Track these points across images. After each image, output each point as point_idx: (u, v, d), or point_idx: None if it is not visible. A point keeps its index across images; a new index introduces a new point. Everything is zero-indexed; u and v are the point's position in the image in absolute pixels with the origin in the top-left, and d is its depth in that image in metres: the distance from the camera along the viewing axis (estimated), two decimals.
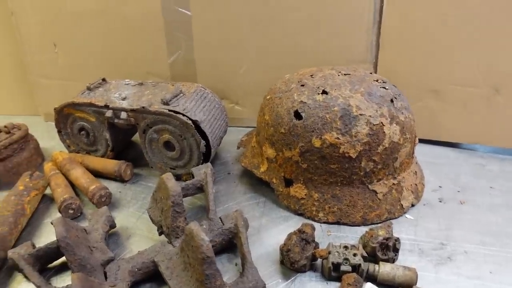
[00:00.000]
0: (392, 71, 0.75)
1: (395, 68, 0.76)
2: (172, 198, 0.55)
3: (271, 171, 0.65)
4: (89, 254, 0.54)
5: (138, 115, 0.68)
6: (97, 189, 0.67)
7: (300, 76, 0.65)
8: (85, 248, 0.54)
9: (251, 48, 0.79)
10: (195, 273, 0.49)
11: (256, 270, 0.51)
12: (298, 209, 0.63)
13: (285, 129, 0.61)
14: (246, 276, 0.51)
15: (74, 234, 0.54)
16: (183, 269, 0.52)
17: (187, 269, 0.51)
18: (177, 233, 0.56)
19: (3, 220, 0.61)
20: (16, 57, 0.91)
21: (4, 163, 0.74)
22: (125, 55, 0.84)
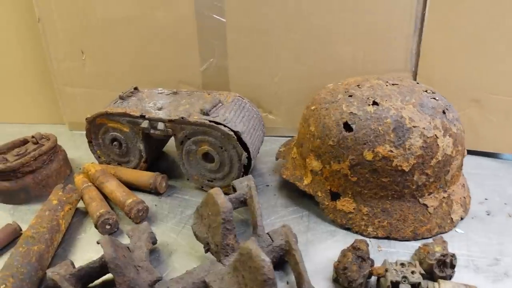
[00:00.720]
0: (432, 80, 0.73)
1: (435, 77, 0.74)
2: (223, 215, 0.53)
3: (315, 184, 0.63)
4: (137, 274, 0.51)
5: (176, 126, 0.66)
6: (134, 203, 0.64)
7: (346, 86, 0.63)
8: (133, 268, 0.52)
9: (287, 56, 0.77)
10: None
11: None
12: (346, 224, 0.61)
13: (333, 141, 0.59)
14: None
15: (121, 254, 0.52)
16: None
17: None
18: (227, 251, 0.54)
19: (40, 237, 0.59)
20: (42, 65, 0.88)
21: (34, 175, 0.72)
22: (155, 62, 0.82)
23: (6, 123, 0.98)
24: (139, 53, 0.82)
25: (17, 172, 0.70)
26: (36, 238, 0.58)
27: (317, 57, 0.76)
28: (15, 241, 0.64)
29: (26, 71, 0.91)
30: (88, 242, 0.63)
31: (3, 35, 0.88)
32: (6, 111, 0.97)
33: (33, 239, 0.58)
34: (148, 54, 0.82)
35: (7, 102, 0.96)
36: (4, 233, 0.63)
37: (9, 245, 0.63)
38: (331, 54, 0.76)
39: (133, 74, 0.84)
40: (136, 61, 0.83)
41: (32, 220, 0.62)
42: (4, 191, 0.71)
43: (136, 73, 0.84)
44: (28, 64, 0.90)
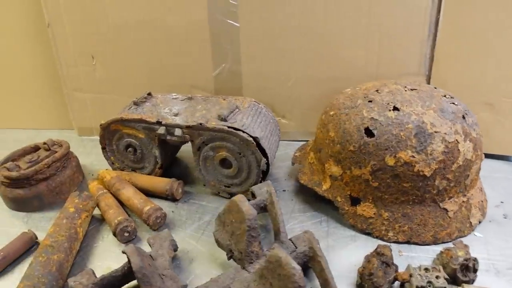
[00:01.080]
0: (445, 84, 0.74)
1: (448, 81, 0.74)
2: (248, 222, 0.52)
3: (334, 189, 0.63)
4: (162, 283, 0.51)
5: (194, 132, 0.65)
6: (152, 210, 0.64)
7: (365, 91, 0.63)
8: (158, 277, 0.51)
9: (300, 60, 0.77)
10: None
11: None
12: (366, 228, 0.61)
13: (354, 147, 0.59)
14: None
15: (147, 262, 0.51)
16: None
17: None
18: (251, 258, 0.53)
19: (59, 246, 0.58)
20: (51, 70, 0.87)
21: (47, 182, 0.71)
22: (167, 67, 0.82)
23: (13, 128, 0.97)
24: (150, 58, 0.81)
25: (30, 180, 0.69)
26: (55, 247, 0.57)
27: (331, 62, 0.76)
28: (31, 249, 0.63)
29: (35, 76, 0.90)
30: (106, 250, 0.62)
31: (12, 40, 0.87)
32: (14, 117, 0.95)
33: (52, 248, 0.57)
34: (160, 59, 0.81)
35: (14, 107, 0.94)
36: (20, 241, 0.63)
37: (25, 254, 0.62)
38: (345, 59, 0.76)
39: (144, 79, 0.83)
40: (147, 66, 0.82)
41: (50, 228, 0.61)
42: (18, 199, 0.70)
43: (147, 78, 0.83)
44: (37, 69, 0.89)
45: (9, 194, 0.70)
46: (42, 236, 0.64)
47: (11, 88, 0.92)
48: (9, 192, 0.70)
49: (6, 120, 0.96)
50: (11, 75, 0.91)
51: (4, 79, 0.92)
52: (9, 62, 0.89)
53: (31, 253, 0.63)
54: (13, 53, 0.88)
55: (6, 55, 0.89)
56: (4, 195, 0.70)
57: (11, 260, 0.61)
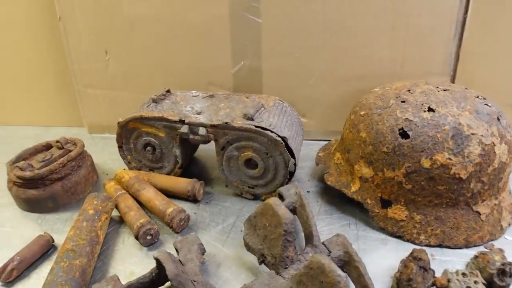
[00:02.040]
0: (470, 84, 0.73)
1: (474, 81, 0.73)
2: (285, 227, 0.50)
3: (364, 191, 0.62)
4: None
5: (219, 131, 0.63)
6: (175, 212, 0.62)
7: (396, 91, 0.62)
8: (191, 284, 0.49)
9: (323, 58, 0.75)
10: None
11: None
12: (397, 232, 0.60)
13: (388, 148, 0.57)
14: None
15: (180, 269, 0.49)
16: None
17: None
18: (286, 264, 0.52)
19: (80, 250, 0.55)
20: (61, 65, 0.84)
21: (62, 182, 0.68)
22: (184, 63, 0.79)
23: (20, 125, 0.93)
24: (167, 54, 0.79)
25: (45, 180, 0.66)
26: (77, 252, 0.55)
27: (354, 60, 0.75)
28: (48, 253, 0.61)
29: (44, 72, 0.86)
30: (127, 254, 0.60)
31: (21, 34, 0.83)
32: (21, 113, 0.92)
33: (73, 252, 0.55)
34: (176, 55, 0.78)
35: (22, 103, 0.91)
36: (37, 245, 0.60)
37: (41, 258, 0.60)
38: (369, 57, 0.74)
39: (159, 75, 0.81)
40: (163, 63, 0.79)
41: (69, 231, 0.58)
42: (31, 200, 0.67)
43: (162, 74, 0.80)
44: (46, 64, 0.85)
45: (22, 194, 0.67)
46: (59, 239, 0.62)
47: (18, 83, 0.88)
48: (22, 192, 0.67)
49: (12, 116, 0.92)
50: (19, 70, 0.87)
51: (11, 74, 0.88)
52: (17, 56, 0.86)
53: (47, 256, 0.60)
54: (21, 47, 0.85)
55: (14, 49, 0.85)
56: (17, 195, 0.67)
57: (28, 265, 0.58)
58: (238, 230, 0.63)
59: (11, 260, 0.57)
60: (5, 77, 0.88)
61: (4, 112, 0.91)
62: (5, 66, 0.87)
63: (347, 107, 0.78)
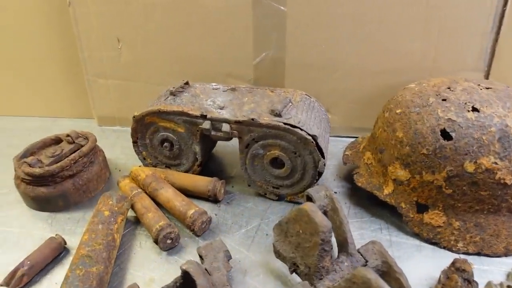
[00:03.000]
0: (506, 80, 0.68)
1: (508, 78, 0.69)
2: (322, 235, 0.47)
3: (398, 194, 0.58)
4: None
5: (244, 128, 0.59)
6: (197, 214, 0.58)
7: (434, 88, 0.58)
8: None
9: (350, 50, 0.71)
10: None
11: None
12: (432, 238, 0.57)
13: (428, 150, 0.54)
14: None
15: (210, 283, 0.45)
16: None
17: None
18: (321, 274, 0.48)
19: (97, 256, 0.51)
20: (70, 53, 0.79)
21: (74, 179, 0.64)
22: (201, 53, 0.74)
23: (24, 116, 0.88)
24: (183, 43, 0.74)
25: (56, 177, 0.62)
26: (93, 258, 0.51)
27: (384, 53, 0.70)
28: (59, 256, 0.57)
29: (51, 60, 0.81)
30: (146, 259, 0.56)
31: (29, 20, 0.78)
32: (25, 103, 0.87)
33: (90, 259, 0.51)
34: (193, 44, 0.74)
35: (27, 93, 0.86)
36: (49, 248, 0.56)
37: (53, 261, 0.56)
38: (399, 50, 0.70)
39: (175, 66, 0.76)
40: (179, 52, 0.75)
41: (84, 235, 0.54)
42: (41, 198, 0.62)
43: (178, 65, 0.76)
44: (54, 52, 0.80)
45: (30, 192, 0.62)
46: (71, 241, 0.58)
47: (24, 72, 0.83)
48: (30, 190, 0.62)
49: (17, 106, 0.87)
50: (24, 57, 0.82)
51: (17, 62, 0.83)
52: (23, 43, 0.80)
53: (59, 260, 0.56)
54: (28, 34, 0.79)
55: (20, 35, 0.80)
56: (25, 193, 0.63)
57: (39, 269, 0.54)
58: (263, 233, 0.59)
59: (20, 265, 0.53)
60: (10, 65, 0.83)
61: (8, 102, 0.86)
62: (10, 53, 0.81)
63: (374, 103, 0.74)
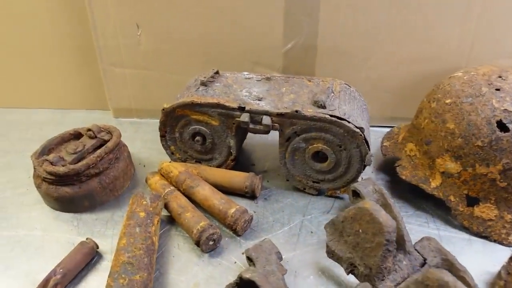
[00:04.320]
0: None
1: None
2: (388, 236, 0.44)
3: (447, 187, 0.56)
4: None
5: (286, 121, 0.56)
6: (239, 213, 0.54)
7: (485, 77, 0.55)
8: None
9: (385, 36, 0.67)
10: None
11: None
12: (483, 232, 0.55)
13: (483, 142, 0.51)
14: None
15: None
16: None
17: None
18: (383, 275, 0.46)
19: (138, 262, 0.48)
20: (84, 40, 0.73)
21: (100, 178, 0.59)
22: (227, 41, 0.70)
23: (34, 108, 0.82)
24: (207, 29, 0.69)
25: (81, 176, 0.57)
26: (135, 265, 0.47)
27: (420, 40, 0.67)
28: (92, 261, 0.53)
29: (63, 48, 0.75)
30: (187, 262, 0.53)
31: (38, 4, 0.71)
32: (35, 95, 0.81)
33: (131, 266, 0.47)
34: (218, 31, 0.69)
35: (36, 83, 0.79)
36: (81, 253, 0.52)
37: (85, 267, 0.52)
38: (436, 37, 0.67)
39: (198, 54, 0.71)
40: (202, 38, 0.70)
41: (121, 239, 0.50)
42: (66, 198, 0.58)
43: (202, 53, 0.71)
44: (67, 39, 0.74)
45: (54, 193, 0.58)
46: (102, 244, 0.54)
47: (33, 61, 0.77)
48: (53, 190, 0.58)
49: (27, 98, 0.81)
50: (34, 45, 0.76)
51: (26, 50, 0.77)
52: (33, 30, 0.74)
53: (92, 266, 0.52)
54: (37, 20, 0.73)
55: (29, 21, 0.73)
56: (47, 194, 0.58)
57: (72, 277, 0.50)
58: (308, 231, 0.56)
59: (52, 273, 0.49)
60: (18, 54, 0.76)
61: (16, 93, 0.80)
62: (18, 41, 0.75)
63: (409, 91, 0.71)
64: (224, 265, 0.52)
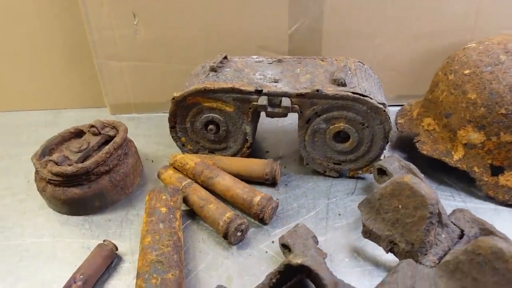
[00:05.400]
0: None
1: None
2: (431, 208, 0.43)
3: (470, 159, 0.56)
4: None
5: (306, 102, 0.54)
6: (265, 201, 0.52)
7: (500, 46, 0.55)
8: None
9: (392, 15, 0.66)
10: None
11: None
12: (509, 200, 0.55)
13: (507, 110, 0.51)
14: None
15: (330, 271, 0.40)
16: None
17: None
18: (426, 250, 0.44)
19: (168, 260, 0.45)
20: (76, 34, 0.68)
21: (110, 175, 0.56)
22: (230, 25, 0.67)
23: (23, 110, 0.76)
24: (208, 14, 0.66)
25: (90, 174, 0.53)
26: (165, 263, 0.44)
27: (426, 15, 0.67)
28: (111, 265, 0.49)
29: (54, 45, 0.70)
30: (215, 256, 0.50)
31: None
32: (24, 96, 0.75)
33: (161, 264, 0.44)
34: (220, 15, 0.66)
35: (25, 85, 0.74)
36: (100, 257, 0.48)
37: (106, 271, 0.48)
38: (441, 12, 0.67)
39: (199, 41, 0.68)
40: (204, 25, 0.67)
41: (145, 238, 0.47)
42: (75, 200, 0.54)
43: (204, 39, 0.68)
44: (57, 33, 0.69)
45: (61, 195, 0.53)
46: (121, 246, 0.50)
47: (23, 60, 0.71)
48: (61, 192, 0.53)
49: (14, 100, 0.75)
50: (23, 43, 0.70)
51: (14, 48, 0.71)
52: (21, 26, 0.68)
53: (112, 269, 0.49)
54: (24, 16, 0.68)
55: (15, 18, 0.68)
56: (54, 197, 0.54)
57: (94, 282, 0.47)
58: (336, 214, 0.54)
59: (72, 280, 0.45)
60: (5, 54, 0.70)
61: (7, 96, 0.74)
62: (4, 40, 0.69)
63: (416, 68, 0.71)
64: (255, 256, 0.49)
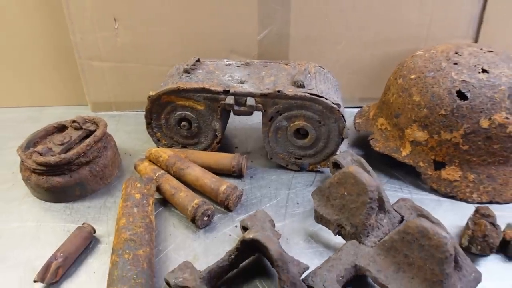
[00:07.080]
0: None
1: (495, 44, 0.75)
2: (371, 194, 0.49)
3: (416, 155, 0.62)
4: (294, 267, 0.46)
5: (269, 101, 0.59)
6: (230, 190, 0.58)
7: (443, 53, 0.62)
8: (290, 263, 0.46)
9: (353, 22, 0.73)
10: (422, 273, 0.45)
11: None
12: (449, 192, 0.61)
13: (446, 110, 0.58)
14: (464, 269, 0.48)
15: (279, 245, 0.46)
16: (395, 271, 0.47)
17: (402, 270, 0.47)
18: (368, 232, 0.51)
19: (140, 239, 0.50)
20: (59, 36, 0.73)
21: (90, 166, 0.61)
22: (204, 31, 0.73)
23: (7, 107, 0.81)
24: (184, 20, 0.72)
25: (72, 165, 0.58)
26: (137, 241, 0.50)
27: (384, 23, 0.73)
28: (90, 245, 0.54)
29: (38, 43, 0.75)
30: (184, 238, 0.55)
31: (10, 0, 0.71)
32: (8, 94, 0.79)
33: (134, 242, 0.50)
34: (196, 21, 0.72)
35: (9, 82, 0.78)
36: (79, 238, 0.53)
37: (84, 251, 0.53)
38: (398, 20, 0.73)
39: (176, 44, 0.74)
40: (180, 29, 0.72)
41: (121, 220, 0.52)
42: (57, 188, 0.59)
43: (180, 43, 0.73)
44: (41, 34, 0.74)
45: (44, 183, 0.58)
46: (99, 229, 0.55)
47: (9, 60, 0.76)
48: (44, 181, 0.58)
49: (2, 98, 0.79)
50: (7, 42, 0.75)
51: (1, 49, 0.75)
52: (8, 28, 0.73)
53: (90, 250, 0.54)
54: (10, 15, 0.72)
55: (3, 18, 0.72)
56: (38, 185, 0.59)
57: (73, 260, 0.52)
58: (294, 203, 0.60)
59: (53, 258, 0.50)
60: None
61: None
62: None
63: (374, 72, 0.77)
64: (219, 238, 0.55)
